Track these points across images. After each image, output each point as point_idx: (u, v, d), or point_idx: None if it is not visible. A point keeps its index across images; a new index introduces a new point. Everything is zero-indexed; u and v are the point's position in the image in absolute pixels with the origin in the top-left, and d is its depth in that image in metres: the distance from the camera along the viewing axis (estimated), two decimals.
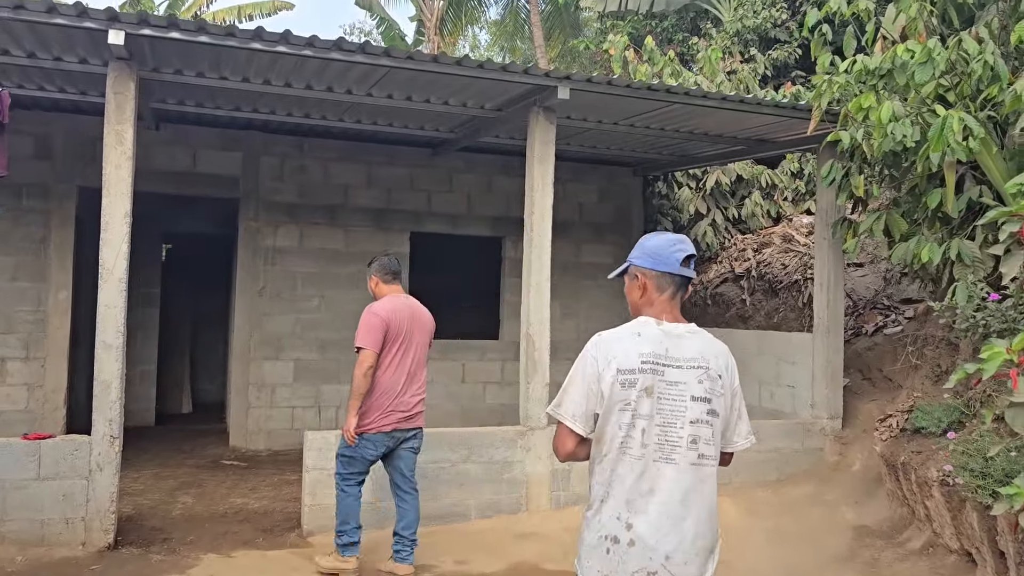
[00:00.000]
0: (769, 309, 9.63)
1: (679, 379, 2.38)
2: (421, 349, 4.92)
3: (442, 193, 9.66)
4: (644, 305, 2.52)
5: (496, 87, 6.44)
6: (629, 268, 2.58)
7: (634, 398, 2.34)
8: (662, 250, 2.50)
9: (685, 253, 2.49)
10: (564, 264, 10.07)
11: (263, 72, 6.33)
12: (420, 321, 4.93)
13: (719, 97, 6.44)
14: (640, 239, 2.64)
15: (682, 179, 11.33)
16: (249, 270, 8.91)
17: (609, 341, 2.42)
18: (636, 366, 2.36)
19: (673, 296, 2.50)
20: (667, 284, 2.49)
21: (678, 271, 2.48)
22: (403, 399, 4.80)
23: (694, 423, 2.37)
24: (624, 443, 2.35)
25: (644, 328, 2.44)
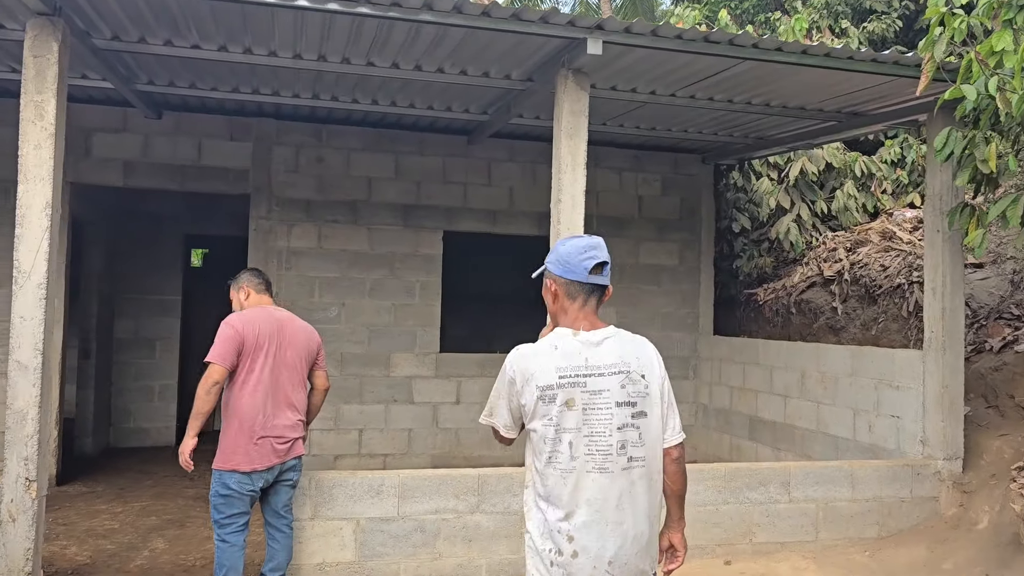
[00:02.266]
0: (866, 319, 8.07)
1: (602, 387, 2.39)
2: (295, 368, 4.26)
3: (479, 186, 8.48)
4: (558, 312, 2.50)
5: (516, 47, 5.23)
6: (544, 271, 2.55)
7: (555, 413, 2.36)
8: (571, 257, 2.46)
9: (596, 261, 2.45)
10: (621, 266, 8.76)
11: (263, 38, 5.30)
12: (290, 336, 4.27)
13: (798, 49, 5.04)
14: (557, 242, 2.58)
15: (761, 168, 9.85)
16: None
17: (527, 357, 2.43)
18: (554, 381, 2.37)
19: (585, 304, 2.47)
20: (576, 292, 2.46)
21: (587, 279, 2.44)
22: (273, 423, 4.13)
23: (621, 428, 2.39)
24: (552, 457, 2.37)
25: (561, 341, 2.43)
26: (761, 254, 9.70)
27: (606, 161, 8.80)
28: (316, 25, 5.00)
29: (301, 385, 4.30)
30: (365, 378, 8.11)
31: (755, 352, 8.04)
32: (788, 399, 7.45)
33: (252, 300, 4.38)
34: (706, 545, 5.24)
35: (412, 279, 8.26)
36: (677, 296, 9.03)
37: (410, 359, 8.23)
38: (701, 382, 8.95)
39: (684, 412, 8.94)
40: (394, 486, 4.76)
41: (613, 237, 8.73)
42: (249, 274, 4.49)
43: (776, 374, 7.66)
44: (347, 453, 8.07)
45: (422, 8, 4.51)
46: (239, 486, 4.07)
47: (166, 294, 9.72)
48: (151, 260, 9.64)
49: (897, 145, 10.33)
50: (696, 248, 9.09)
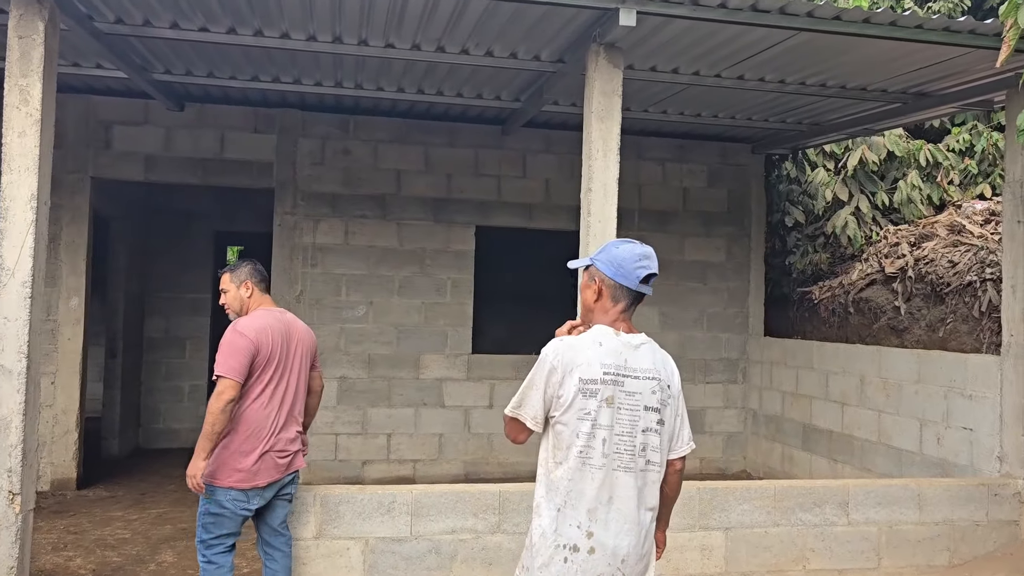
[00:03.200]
0: (932, 320, 7.41)
1: (636, 389, 2.43)
2: (301, 375, 3.91)
3: (514, 179, 8.04)
4: (598, 310, 2.53)
5: (542, 21, 4.78)
6: (590, 267, 2.56)
7: (594, 408, 2.39)
8: (627, 263, 2.47)
9: (648, 271, 2.48)
10: (664, 263, 8.11)
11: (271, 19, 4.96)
12: (299, 340, 3.92)
13: (860, 18, 4.48)
14: (609, 242, 2.62)
15: (816, 158, 9.23)
16: (285, 272, 7.60)
17: (572, 348, 2.43)
18: (599, 376, 2.40)
19: (627, 308, 2.51)
20: (622, 296, 2.49)
21: (636, 287, 2.48)
22: (279, 437, 3.77)
23: (645, 432, 2.45)
24: (584, 452, 2.39)
25: (604, 338, 2.45)
26: (816, 250, 9.07)
27: (649, 152, 8.29)
28: (325, 1, 4.61)
29: (304, 391, 3.95)
30: (394, 380, 7.74)
31: (809, 355, 7.45)
32: (846, 407, 6.85)
33: (255, 300, 3.95)
34: (753, 571, 4.73)
35: (443, 276, 7.86)
36: (724, 294, 8.47)
37: (441, 360, 7.84)
38: (751, 386, 8.38)
39: (732, 418, 8.40)
40: (406, 503, 4.35)
41: (656, 232, 8.23)
42: (251, 267, 4.02)
43: (832, 379, 7.06)
44: (375, 459, 7.71)
45: None
46: (234, 505, 3.70)
47: (197, 292, 9.49)
48: (181, 258, 9.42)
49: (965, 132, 9.60)
50: (745, 243, 8.51)
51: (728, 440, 8.43)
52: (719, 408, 8.39)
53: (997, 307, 6.83)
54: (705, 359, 8.37)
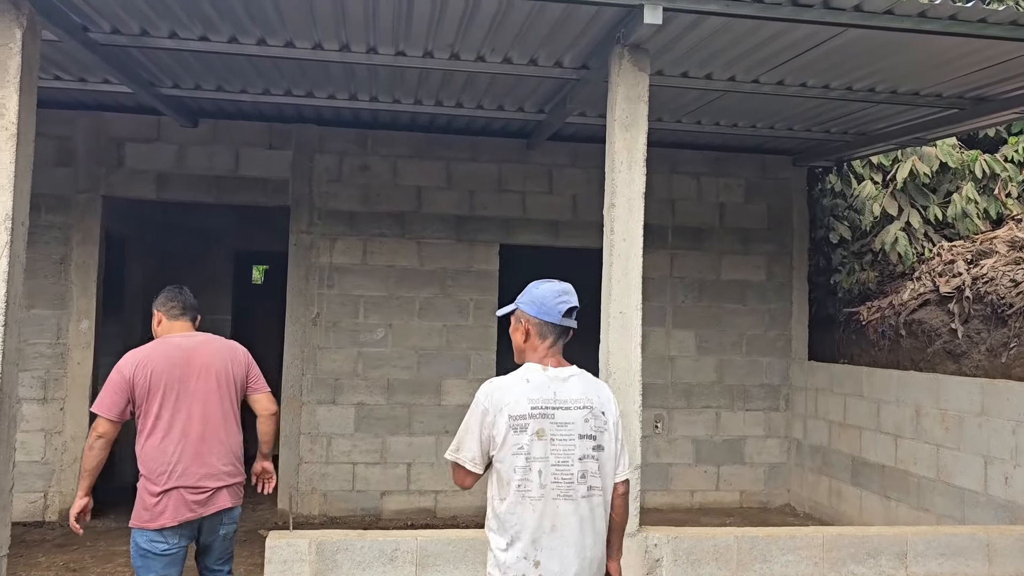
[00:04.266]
0: (993, 344, 6.83)
1: (568, 420, 2.54)
2: (211, 403, 3.59)
3: (540, 195, 7.65)
4: (528, 350, 2.65)
5: (562, 23, 4.40)
6: (516, 311, 2.70)
7: (526, 442, 2.49)
8: (548, 300, 2.62)
9: (568, 305, 2.62)
10: (700, 283, 7.78)
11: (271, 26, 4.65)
12: (202, 365, 3.59)
13: (915, 11, 4.01)
14: (530, 284, 2.70)
15: (862, 170, 8.68)
16: (301, 293, 7.29)
17: (500, 388, 2.55)
18: (527, 411, 2.50)
19: (555, 343, 2.63)
20: (548, 332, 2.62)
21: (559, 322, 2.61)
22: (188, 473, 3.48)
23: (583, 459, 2.54)
24: (521, 485, 2.49)
25: (531, 375, 2.57)
26: (864, 267, 8.51)
27: (682, 165, 7.85)
28: (326, 4, 4.28)
29: (231, 420, 3.64)
30: (414, 407, 7.36)
31: (858, 382, 6.91)
32: (900, 439, 6.31)
33: (163, 328, 3.73)
34: None
35: (465, 297, 7.48)
36: (765, 316, 7.96)
37: (463, 386, 7.44)
38: (794, 414, 7.84)
39: (775, 448, 7.87)
40: (411, 551, 3.95)
41: (691, 250, 7.77)
42: (164, 296, 3.82)
43: (884, 409, 6.52)
44: (394, 489, 7.32)
45: None
46: (151, 545, 3.47)
47: (215, 313, 9.22)
48: (199, 277, 9.16)
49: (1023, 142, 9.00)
50: (787, 262, 8.00)
51: (770, 472, 7.89)
52: (760, 437, 7.86)
53: None
54: (744, 385, 7.85)
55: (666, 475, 7.70)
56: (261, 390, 3.78)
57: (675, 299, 7.75)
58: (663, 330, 7.72)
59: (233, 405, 3.65)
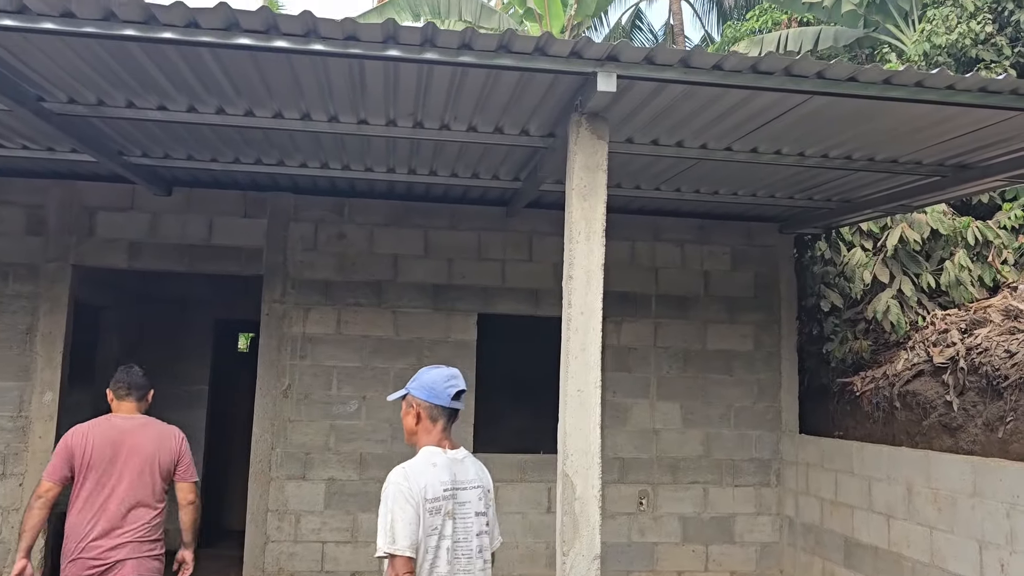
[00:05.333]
0: (989, 418, 6.54)
1: (467, 499, 2.77)
2: (132, 485, 3.88)
3: (520, 263, 7.49)
4: (420, 432, 2.83)
5: (520, 90, 4.30)
6: (407, 396, 2.86)
7: (439, 523, 2.66)
8: (438, 384, 2.82)
9: (456, 388, 2.84)
10: (685, 353, 7.55)
11: (224, 95, 4.57)
12: (132, 447, 3.90)
13: (879, 78, 3.88)
14: (420, 370, 2.91)
15: (852, 237, 8.52)
16: (273, 365, 7.09)
17: (415, 473, 2.68)
18: (440, 494, 2.68)
19: (446, 426, 2.85)
20: (439, 415, 2.82)
21: (449, 404, 2.83)
22: (93, 545, 3.77)
23: (479, 535, 2.80)
24: (433, 564, 2.63)
25: (436, 458, 2.75)
26: (856, 336, 8.27)
27: (666, 233, 7.70)
28: (282, 72, 4.19)
29: (151, 500, 3.91)
30: None
31: (849, 457, 6.62)
32: (892, 519, 5.99)
33: (113, 407, 4.08)
34: None
35: None
36: (753, 387, 7.70)
37: None
38: (785, 490, 7.52)
39: (766, 526, 7.52)
40: None
41: (676, 319, 7.57)
42: (116, 375, 4.13)
43: (876, 486, 6.22)
44: (366, 570, 6.98)
45: (386, 42, 3.62)
46: None
47: (193, 383, 9.04)
48: (177, 347, 9.01)
49: (1018, 208, 8.84)
50: (775, 331, 7.77)
51: (762, 551, 7.52)
52: (751, 515, 7.51)
53: None
54: (733, 459, 7.55)
55: (651, 555, 7.34)
56: (186, 480, 4.03)
57: (659, 370, 7.51)
58: (647, 402, 7.47)
59: (154, 488, 3.91)
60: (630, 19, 20.87)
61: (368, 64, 3.91)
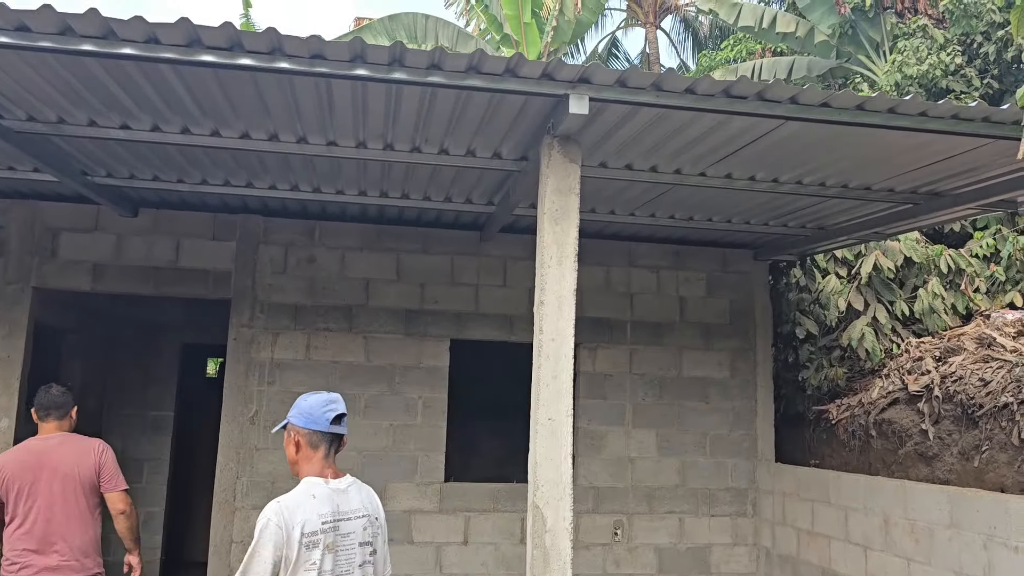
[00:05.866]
0: (965, 446, 6.51)
1: (351, 530, 2.72)
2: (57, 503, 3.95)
3: (493, 288, 7.39)
4: (302, 461, 2.80)
5: (492, 112, 4.23)
6: (287, 425, 2.85)
7: (318, 557, 2.60)
8: (315, 409, 2.80)
9: (336, 412, 2.80)
10: (661, 379, 7.47)
11: (188, 114, 4.46)
12: (53, 466, 3.98)
13: (852, 104, 3.86)
14: (299, 398, 2.87)
15: (826, 264, 8.53)
16: (239, 391, 6.92)
17: (290, 507, 2.63)
18: (318, 527, 2.63)
19: (328, 453, 2.82)
20: (319, 441, 2.79)
21: (328, 429, 2.79)
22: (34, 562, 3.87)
23: (362, 565, 2.75)
24: None
25: (316, 489, 2.71)
26: (832, 364, 8.25)
27: (641, 259, 7.64)
28: (248, 91, 4.09)
29: (79, 517, 3.99)
30: None
31: (825, 487, 6.55)
32: (869, 551, 5.90)
33: (39, 429, 4.14)
34: None
35: (414, 395, 7.12)
36: (729, 414, 7.62)
37: (410, 490, 7.01)
38: (762, 520, 7.42)
39: (743, 556, 7.41)
40: None
41: (651, 345, 7.49)
42: (36, 396, 4.16)
43: (852, 516, 6.14)
44: None
45: (354, 61, 3.54)
46: None
47: (159, 409, 8.82)
48: (144, 372, 8.80)
49: (989, 236, 8.90)
50: (750, 358, 7.72)
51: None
52: (727, 545, 7.40)
53: None
54: (709, 488, 7.45)
55: None
56: (113, 489, 4.08)
57: (635, 397, 7.42)
58: (622, 429, 7.36)
59: (79, 504, 3.97)
60: (607, 47, 21.03)
61: (336, 83, 3.82)
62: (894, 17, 12.53)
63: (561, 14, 14.67)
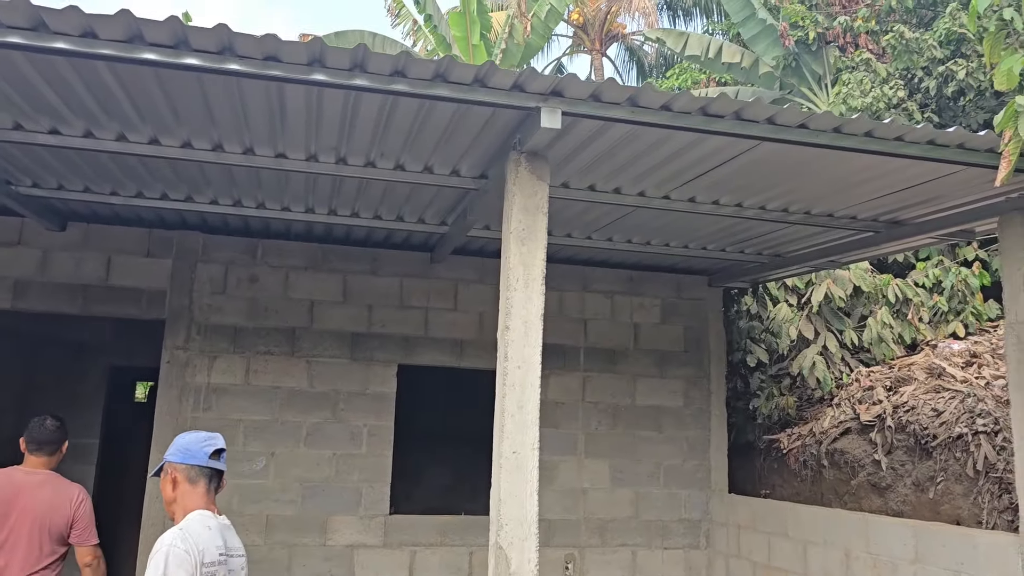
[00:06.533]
0: (919, 477, 6.47)
1: (235, 567, 2.71)
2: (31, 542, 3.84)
3: (444, 312, 7.14)
4: (179, 499, 2.70)
5: (455, 125, 4.00)
6: (164, 465, 2.75)
7: None
8: (192, 446, 2.74)
9: (214, 447, 2.75)
10: (614, 408, 7.29)
11: (123, 118, 4.11)
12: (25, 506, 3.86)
13: (829, 126, 3.75)
14: (177, 436, 2.84)
15: (777, 292, 8.50)
16: (172, 416, 6.48)
17: (192, 535, 2.58)
18: (216, 559, 2.61)
19: (209, 489, 2.74)
20: (198, 476, 2.71)
21: (207, 463, 2.72)
22: None
23: None
24: None
25: (209, 521, 2.66)
26: (782, 392, 8.20)
27: (596, 284, 7.49)
28: (192, 95, 3.78)
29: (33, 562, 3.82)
30: (295, 548, 6.51)
31: (783, 520, 6.42)
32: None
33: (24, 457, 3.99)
34: None
35: (359, 423, 6.79)
36: (683, 444, 7.48)
37: (353, 523, 6.65)
38: (715, 553, 7.27)
39: None
40: None
41: (604, 372, 7.32)
42: (29, 427, 4.01)
43: (812, 550, 6.02)
44: None
45: (311, 65, 3.29)
46: None
47: (83, 436, 8.24)
48: (69, 395, 8.27)
49: (932, 267, 9.02)
50: (704, 386, 7.60)
51: None
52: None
53: (995, 465, 5.94)
54: (663, 520, 7.27)
55: None
56: (83, 543, 3.93)
57: (587, 426, 7.22)
58: (575, 459, 7.15)
59: (43, 551, 3.82)
60: (553, 72, 21.12)
61: (289, 89, 3.55)
62: (837, 51, 12.77)
63: (511, 37, 14.61)
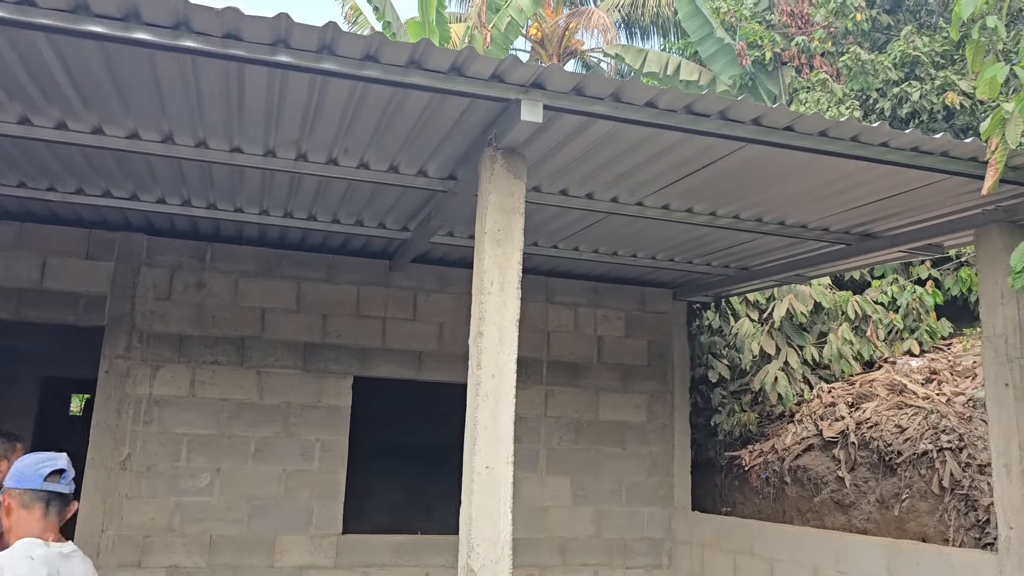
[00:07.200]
0: (883, 494, 6.40)
1: None
2: None
3: (402, 322, 6.87)
4: (15, 525, 2.52)
5: (426, 119, 3.78)
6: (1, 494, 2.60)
7: None
8: (28, 468, 2.55)
9: (52, 468, 2.54)
10: (577, 423, 7.09)
11: (64, 102, 3.78)
12: None
13: (816, 129, 3.62)
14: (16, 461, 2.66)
15: (739, 307, 8.42)
16: (109, 430, 6.08)
17: (12, 566, 2.41)
18: None
19: (46, 514, 2.53)
20: (32, 500, 2.51)
21: (43, 486, 2.51)
22: None
23: None
24: None
25: (35, 550, 2.46)
26: (744, 408, 8.10)
27: (559, 295, 7.30)
28: (142, 77, 3.49)
29: None
30: (241, 570, 6.14)
31: (749, 538, 6.28)
32: None
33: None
34: None
35: (311, 437, 6.47)
36: (646, 460, 7.31)
37: (303, 543, 6.31)
38: (678, 572, 7.09)
39: None
40: None
41: (567, 387, 7.12)
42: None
43: (779, 569, 5.88)
44: None
45: (276, 45, 3.03)
46: None
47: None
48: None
49: (887, 284, 9.06)
50: (668, 401, 7.46)
51: None
52: None
53: (960, 482, 5.89)
54: (625, 539, 7.08)
55: None
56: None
57: (549, 441, 7.01)
58: (536, 476, 6.92)
59: None
60: None
61: (250, 72, 3.29)
62: (793, 72, 12.90)
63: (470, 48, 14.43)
